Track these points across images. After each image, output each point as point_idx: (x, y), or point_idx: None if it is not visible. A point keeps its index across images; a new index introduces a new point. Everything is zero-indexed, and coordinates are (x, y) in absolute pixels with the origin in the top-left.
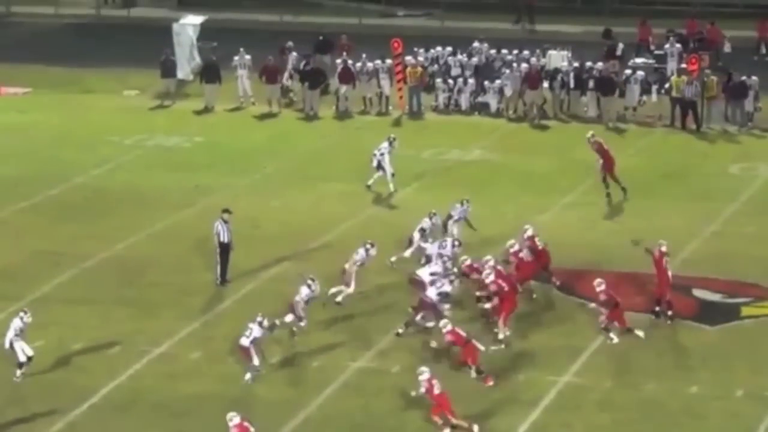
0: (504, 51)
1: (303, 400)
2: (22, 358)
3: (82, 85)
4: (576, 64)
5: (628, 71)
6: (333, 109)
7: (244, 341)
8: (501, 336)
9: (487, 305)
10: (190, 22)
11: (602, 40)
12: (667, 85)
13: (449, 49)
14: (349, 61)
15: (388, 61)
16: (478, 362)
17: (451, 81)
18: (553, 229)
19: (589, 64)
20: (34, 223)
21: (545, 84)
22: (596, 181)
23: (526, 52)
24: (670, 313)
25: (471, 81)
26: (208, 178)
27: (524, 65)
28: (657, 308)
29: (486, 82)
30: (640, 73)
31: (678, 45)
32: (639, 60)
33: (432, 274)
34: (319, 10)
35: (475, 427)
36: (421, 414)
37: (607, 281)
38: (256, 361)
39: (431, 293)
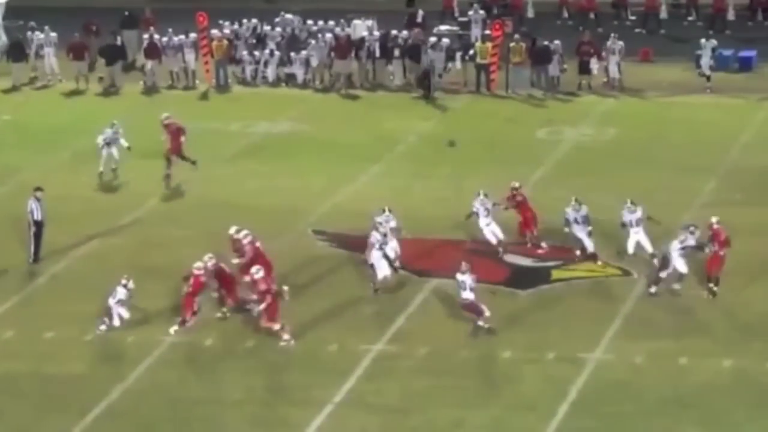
0: (309, 22)
1: (119, 374)
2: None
3: None
4: (377, 33)
5: (433, 39)
6: (140, 84)
7: (110, 301)
8: (277, 327)
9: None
10: None
11: (407, 9)
12: (471, 52)
13: (254, 21)
14: (155, 36)
15: (192, 35)
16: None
17: (257, 53)
18: (365, 199)
19: (394, 32)
20: None
21: (351, 54)
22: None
23: (331, 23)
24: (715, 289)
25: (277, 53)
26: (17, 158)
27: (329, 35)
28: (711, 284)
29: (292, 53)
30: (445, 41)
31: (482, 11)
32: (443, 27)
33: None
34: None
35: None
36: (237, 387)
37: (422, 248)
38: (116, 322)
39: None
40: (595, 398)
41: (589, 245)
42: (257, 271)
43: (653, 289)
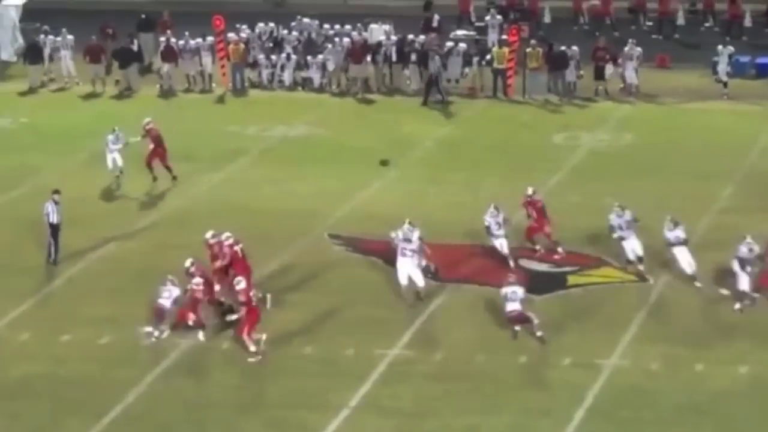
0: (326, 26)
1: (135, 377)
2: None
3: None
4: (394, 37)
5: (449, 44)
6: (157, 87)
7: (165, 302)
8: (253, 349)
9: (234, 317)
10: (12, 3)
11: (424, 13)
12: (488, 57)
13: (271, 25)
14: (172, 39)
15: (210, 39)
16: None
17: (274, 57)
18: (380, 203)
19: (411, 37)
20: None
21: (368, 58)
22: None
23: (347, 27)
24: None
25: (294, 56)
26: (34, 159)
27: (346, 39)
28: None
29: (309, 57)
30: (462, 45)
31: (499, 16)
32: (460, 32)
33: None
34: None
35: None
36: (253, 391)
37: (437, 253)
38: (165, 326)
39: None
40: (611, 404)
41: (634, 251)
42: (239, 282)
43: (738, 306)
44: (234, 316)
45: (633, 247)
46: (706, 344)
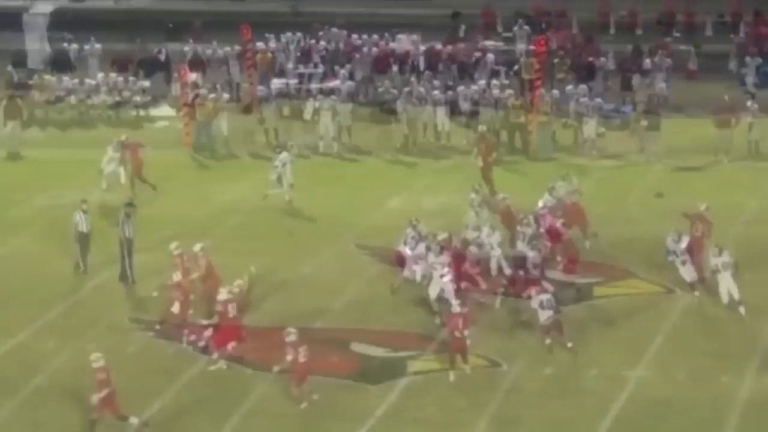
0: (354, 36)
1: (160, 386)
2: None
3: None
4: (422, 47)
5: (477, 54)
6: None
7: None
8: (215, 356)
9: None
10: (41, 12)
11: (451, 23)
12: (515, 67)
13: (299, 34)
14: (199, 48)
15: (237, 48)
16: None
17: (301, 66)
18: (409, 214)
19: (438, 46)
20: None
21: (395, 68)
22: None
23: (375, 36)
24: None
25: (321, 66)
26: (60, 168)
27: (374, 49)
28: None
29: (336, 67)
30: (490, 56)
31: (526, 27)
32: (488, 42)
33: None
34: None
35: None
36: (278, 400)
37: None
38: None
39: None
40: (637, 416)
41: (687, 276)
42: (221, 293)
43: None
44: (204, 323)
45: (689, 270)
46: (731, 356)
